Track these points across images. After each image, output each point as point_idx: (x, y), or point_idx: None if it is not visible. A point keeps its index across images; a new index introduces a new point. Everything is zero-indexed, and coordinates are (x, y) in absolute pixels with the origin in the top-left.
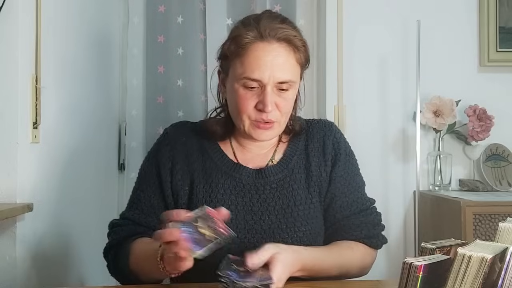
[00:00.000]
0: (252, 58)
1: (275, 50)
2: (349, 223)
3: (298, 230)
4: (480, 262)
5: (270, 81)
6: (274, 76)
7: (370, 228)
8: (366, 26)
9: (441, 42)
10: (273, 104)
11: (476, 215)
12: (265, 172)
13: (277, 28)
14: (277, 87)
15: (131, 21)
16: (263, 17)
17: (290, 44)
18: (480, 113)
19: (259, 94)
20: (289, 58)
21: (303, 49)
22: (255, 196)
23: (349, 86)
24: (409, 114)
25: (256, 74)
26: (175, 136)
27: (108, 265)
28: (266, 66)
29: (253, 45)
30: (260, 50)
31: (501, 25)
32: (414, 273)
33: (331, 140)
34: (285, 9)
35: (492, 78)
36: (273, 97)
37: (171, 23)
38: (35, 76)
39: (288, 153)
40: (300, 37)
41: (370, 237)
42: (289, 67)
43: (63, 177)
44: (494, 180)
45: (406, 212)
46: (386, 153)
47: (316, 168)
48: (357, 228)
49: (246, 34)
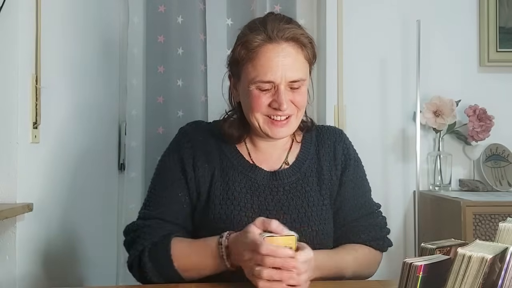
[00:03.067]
0: (263, 60)
1: (284, 50)
2: (358, 225)
3: (311, 229)
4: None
5: (282, 81)
6: (285, 75)
7: (377, 231)
8: (366, 26)
9: (441, 42)
10: (288, 102)
11: (476, 215)
12: (279, 174)
13: (284, 29)
14: (289, 86)
15: (131, 21)
16: (268, 19)
17: (298, 43)
18: (480, 113)
19: (273, 94)
20: (298, 57)
21: (310, 46)
22: (269, 197)
23: (349, 86)
24: (409, 114)
25: (269, 76)
26: (193, 135)
27: (141, 268)
28: (277, 67)
29: (263, 48)
30: (270, 52)
31: (501, 25)
32: (414, 273)
33: (341, 146)
34: (285, 9)
35: (492, 78)
36: (287, 95)
37: (171, 23)
38: (35, 76)
39: (301, 157)
40: (306, 35)
41: (377, 239)
42: (299, 66)
43: (63, 177)
44: (494, 180)
45: (406, 212)
46: (386, 153)
47: (327, 172)
48: (365, 230)
49: (255, 38)
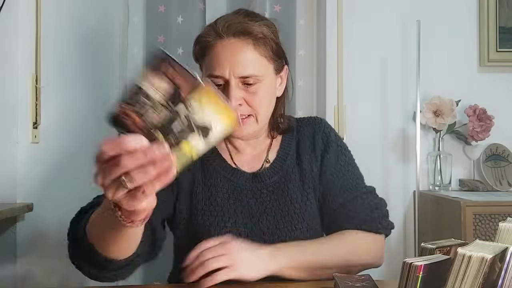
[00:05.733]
0: (212, 56)
1: (232, 45)
2: (345, 211)
3: (295, 228)
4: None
5: (231, 76)
6: (234, 71)
7: (367, 213)
8: (366, 26)
9: (441, 42)
10: (240, 99)
11: (476, 215)
12: (261, 176)
13: (233, 24)
14: (241, 82)
15: (131, 21)
16: (223, 16)
17: (249, 37)
18: (480, 113)
19: (225, 92)
20: (249, 52)
21: (265, 41)
22: (252, 200)
23: (349, 86)
24: (409, 114)
25: (217, 70)
26: None
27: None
28: (225, 62)
29: (213, 45)
30: (218, 47)
31: (501, 25)
32: (414, 273)
33: (320, 136)
34: (285, 9)
35: (492, 78)
36: (238, 92)
37: (171, 23)
38: (35, 76)
39: (281, 154)
40: (263, 31)
41: (367, 222)
42: (250, 61)
43: (63, 177)
44: (494, 180)
45: (406, 212)
46: (386, 153)
47: (308, 164)
48: (353, 214)
49: (206, 36)
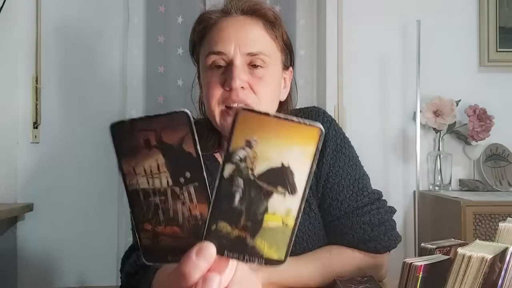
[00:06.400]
0: (215, 32)
1: (240, 21)
2: (340, 226)
3: (298, 247)
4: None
5: (236, 53)
6: (240, 46)
7: (366, 231)
8: (366, 26)
9: (441, 42)
10: (244, 82)
11: (476, 215)
12: None
13: (243, 2)
14: (247, 62)
15: (131, 21)
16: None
17: (259, 17)
18: (480, 113)
19: (227, 73)
20: (257, 29)
21: (276, 25)
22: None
23: (349, 86)
24: (409, 114)
25: (220, 46)
26: None
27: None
28: (229, 37)
29: (217, 22)
30: (223, 23)
31: (501, 25)
32: (414, 273)
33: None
34: (285, 9)
35: (492, 78)
36: (243, 74)
37: (171, 23)
38: (35, 76)
39: None
40: (271, 12)
41: (365, 241)
42: (258, 38)
43: (63, 177)
44: (494, 180)
45: (406, 212)
46: (386, 153)
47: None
48: (349, 231)
49: (210, 14)
